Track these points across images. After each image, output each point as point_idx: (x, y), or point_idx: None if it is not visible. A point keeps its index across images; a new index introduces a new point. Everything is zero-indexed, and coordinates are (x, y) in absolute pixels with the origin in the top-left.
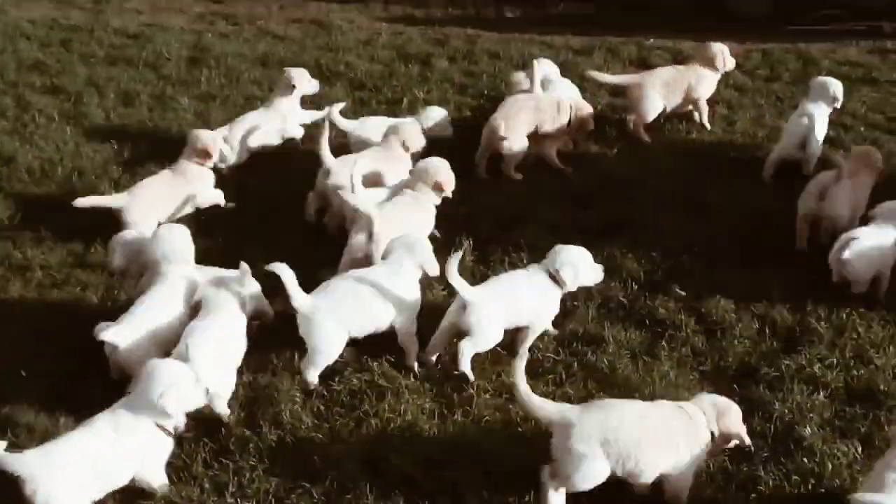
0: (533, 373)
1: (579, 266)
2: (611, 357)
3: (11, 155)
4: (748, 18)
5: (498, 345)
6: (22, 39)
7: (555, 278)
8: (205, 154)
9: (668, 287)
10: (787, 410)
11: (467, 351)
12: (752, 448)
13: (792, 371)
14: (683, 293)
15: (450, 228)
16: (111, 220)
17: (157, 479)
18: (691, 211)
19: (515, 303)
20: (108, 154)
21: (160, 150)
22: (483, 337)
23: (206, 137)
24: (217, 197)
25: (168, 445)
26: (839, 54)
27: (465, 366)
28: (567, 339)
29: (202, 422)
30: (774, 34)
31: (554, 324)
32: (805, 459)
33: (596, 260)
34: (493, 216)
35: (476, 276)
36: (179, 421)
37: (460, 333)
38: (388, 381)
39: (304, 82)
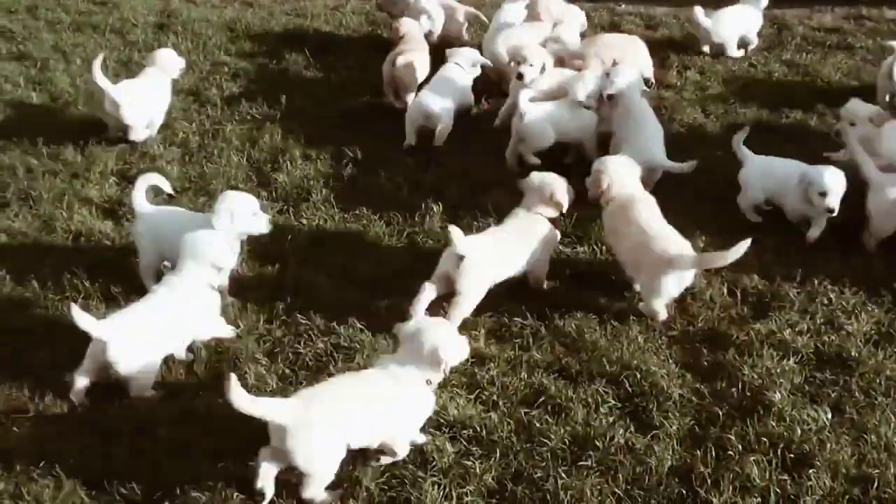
0: (500, 337)
1: None
2: (578, 322)
3: None
4: None
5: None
6: None
7: None
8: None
9: None
10: (756, 376)
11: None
12: None
13: (762, 336)
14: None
15: (418, 193)
16: (73, 187)
17: (411, 436)
18: (662, 177)
19: None
20: (74, 120)
21: None
22: None
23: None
24: None
25: (431, 405)
26: (814, 20)
27: None
28: (535, 304)
29: (165, 385)
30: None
31: (521, 290)
32: (774, 424)
33: (566, 227)
34: (461, 181)
35: (444, 242)
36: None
37: None
38: (354, 343)
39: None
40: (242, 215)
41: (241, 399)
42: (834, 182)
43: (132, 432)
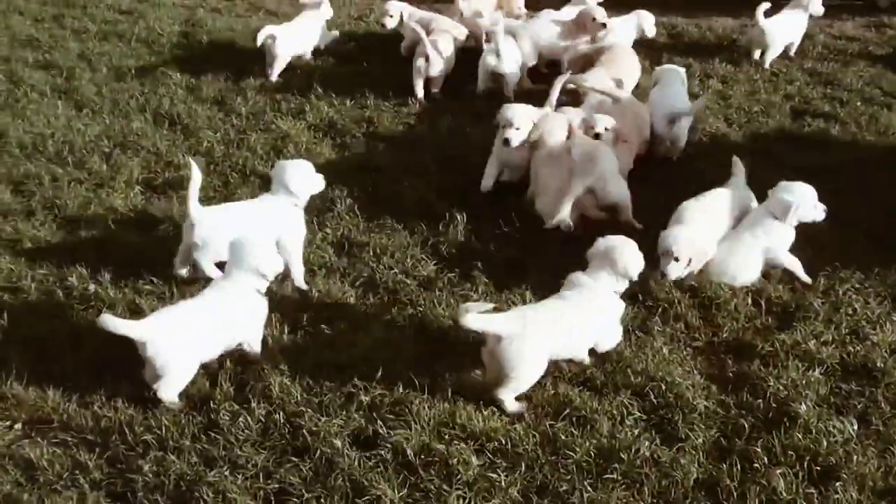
0: None
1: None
2: None
3: (3, 130)
4: None
5: None
6: (14, 15)
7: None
8: None
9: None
10: (781, 387)
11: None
12: None
13: (787, 347)
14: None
15: (442, 201)
16: (98, 196)
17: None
18: (687, 186)
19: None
20: (100, 128)
21: (152, 123)
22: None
23: None
24: None
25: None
26: (835, 29)
27: None
28: None
29: (189, 397)
30: (771, 9)
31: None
32: (800, 436)
33: (589, 237)
34: None
35: (468, 250)
36: None
37: None
38: (378, 353)
39: None
40: (304, 181)
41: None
42: (810, 191)
43: (157, 444)
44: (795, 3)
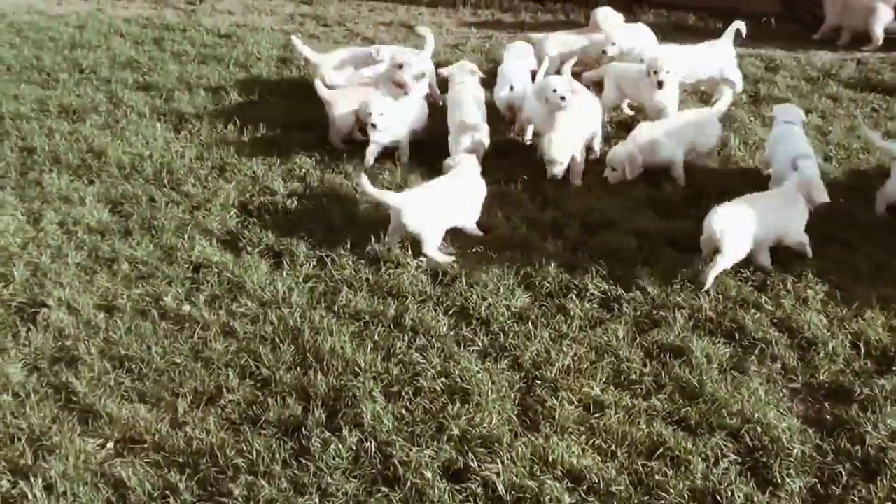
0: (618, 383)
1: None
2: (698, 371)
3: (103, 149)
4: None
5: None
6: (116, 37)
7: None
8: None
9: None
10: (880, 433)
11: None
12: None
13: (886, 392)
14: None
15: (538, 231)
16: (194, 218)
17: None
18: None
19: None
20: (197, 151)
21: (248, 147)
22: None
23: None
24: None
25: None
26: None
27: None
28: (654, 351)
29: (281, 422)
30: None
31: (641, 335)
32: None
33: (683, 272)
34: (580, 221)
35: (562, 284)
36: None
37: None
38: (472, 385)
39: None
40: None
41: None
42: None
43: (247, 469)
44: None
